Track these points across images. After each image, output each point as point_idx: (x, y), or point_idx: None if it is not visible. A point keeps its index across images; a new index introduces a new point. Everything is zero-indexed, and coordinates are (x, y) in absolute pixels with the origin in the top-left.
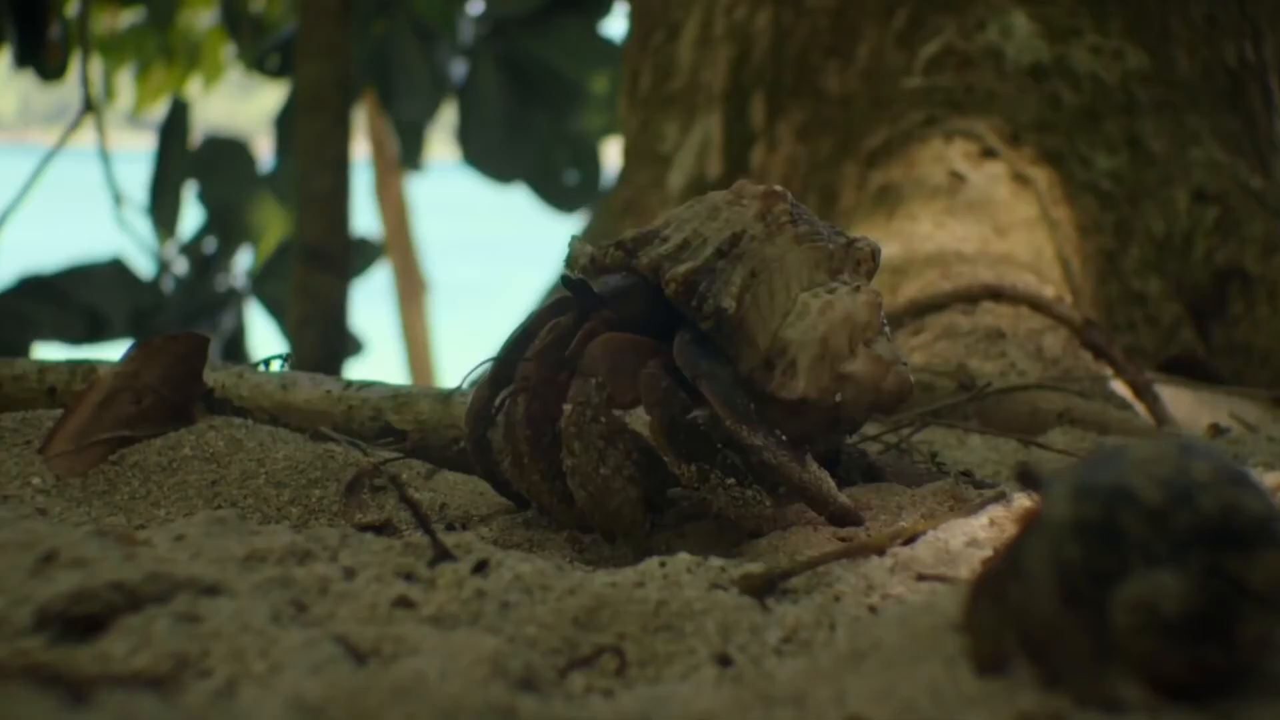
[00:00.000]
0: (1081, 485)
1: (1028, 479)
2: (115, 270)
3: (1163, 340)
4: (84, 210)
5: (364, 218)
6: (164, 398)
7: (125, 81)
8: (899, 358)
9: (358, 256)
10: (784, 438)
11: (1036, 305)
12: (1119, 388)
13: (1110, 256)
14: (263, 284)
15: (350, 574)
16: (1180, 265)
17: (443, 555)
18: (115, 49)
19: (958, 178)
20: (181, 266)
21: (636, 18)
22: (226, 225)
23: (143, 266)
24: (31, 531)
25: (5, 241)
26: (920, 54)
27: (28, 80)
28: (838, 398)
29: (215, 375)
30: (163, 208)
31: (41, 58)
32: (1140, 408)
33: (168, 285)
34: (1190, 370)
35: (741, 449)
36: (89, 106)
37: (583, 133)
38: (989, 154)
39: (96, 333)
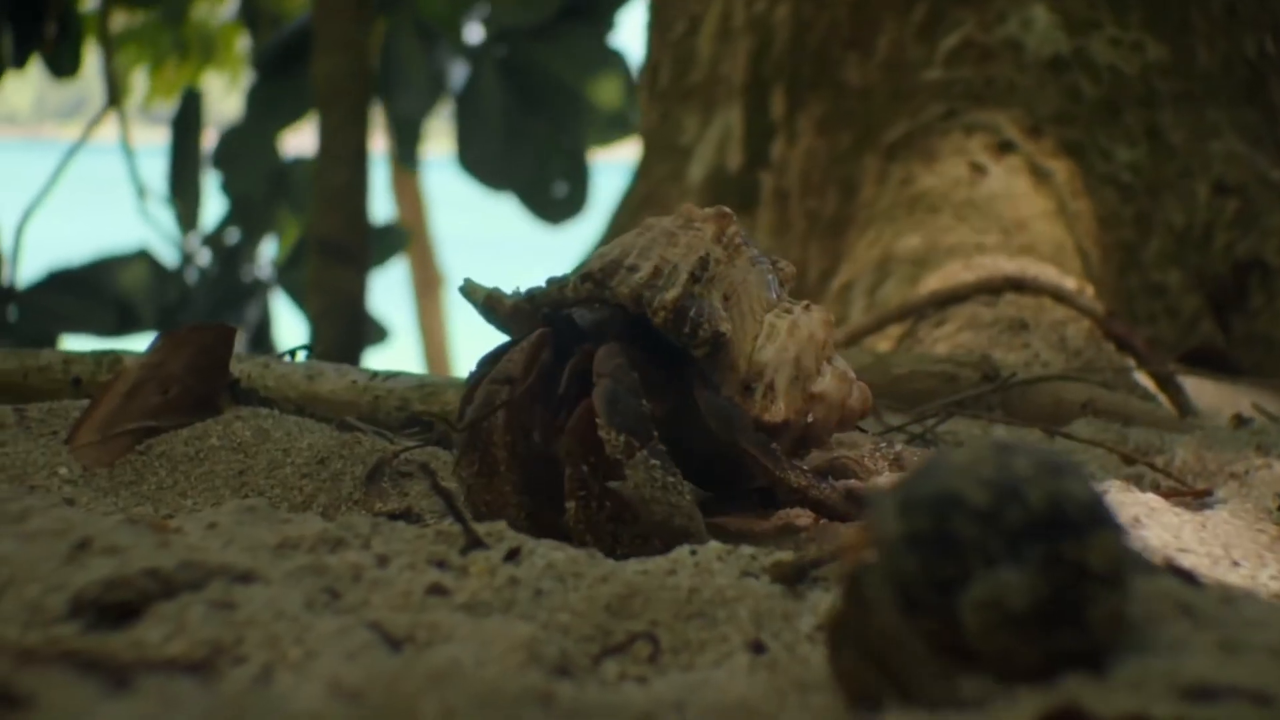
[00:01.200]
0: (906, 499)
1: (854, 501)
2: (143, 262)
3: (1183, 332)
4: (103, 204)
5: (381, 212)
6: (190, 388)
7: (138, 76)
8: (855, 375)
9: (384, 243)
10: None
11: (1059, 296)
12: (1142, 379)
13: (1130, 249)
14: (287, 274)
15: (383, 561)
16: (1200, 257)
17: (475, 543)
18: (129, 44)
19: (978, 170)
20: (205, 257)
21: (656, 10)
22: (249, 216)
23: (168, 259)
24: (64, 519)
25: (28, 237)
26: (940, 46)
27: (43, 76)
28: (809, 418)
29: (241, 366)
30: (183, 199)
31: (44, 54)
32: (1163, 399)
33: (192, 276)
34: (1211, 362)
35: (792, 491)
36: (113, 101)
37: (577, 146)
38: (1009, 146)
39: (126, 325)
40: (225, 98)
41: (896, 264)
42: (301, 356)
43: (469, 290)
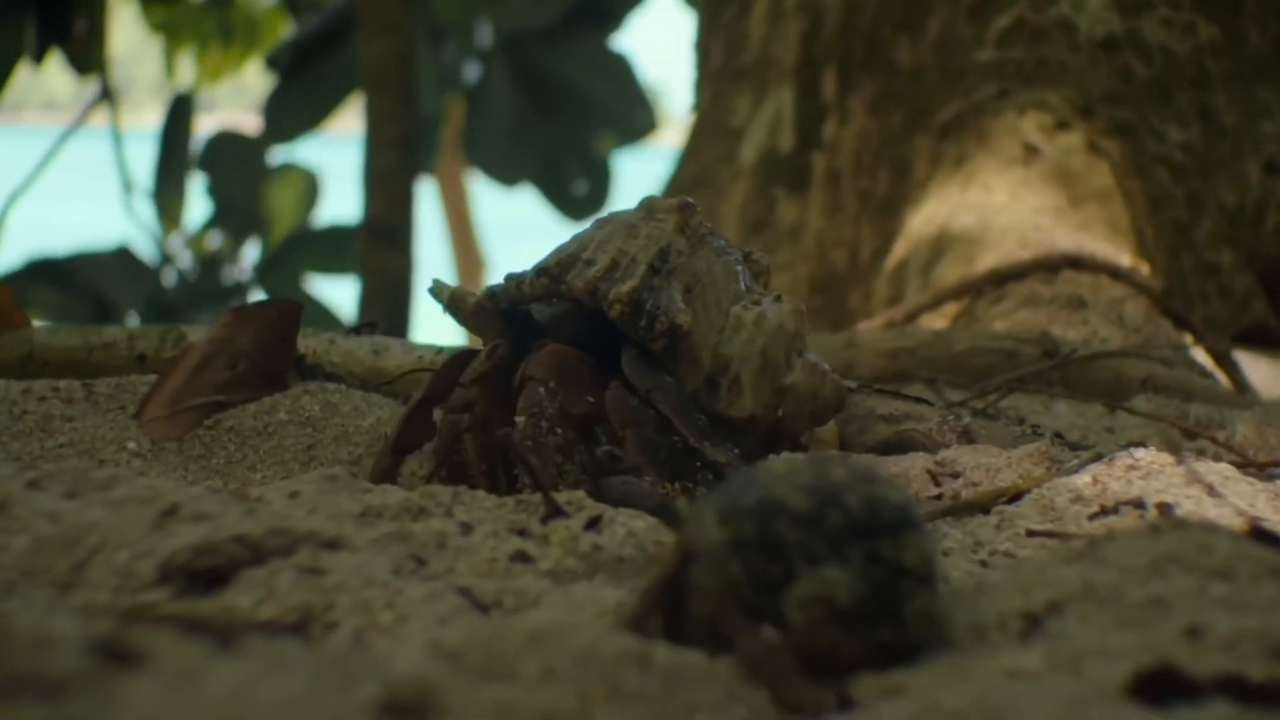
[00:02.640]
0: (727, 508)
1: (669, 516)
2: (121, 258)
3: (1235, 311)
4: (104, 192)
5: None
6: (258, 363)
7: (184, 62)
8: (828, 367)
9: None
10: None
11: (1116, 274)
12: (1199, 356)
13: (1182, 228)
14: (268, 276)
15: (467, 529)
16: (1252, 237)
17: (555, 512)
18: (175, 29)
19: (1031, 150)
20: (186, 259)
21: None
22: (235, 219)
23: (149, 255)
24: (150, 487)
25: (29, 222)
26: (992, 27)
27: (56, 71)
28: (779, 412)
29: (306, 342)
30: (167, 201)
31: (68, 50)
32: (1220, 375)
33: (170, 276)
34: (1263, 341)
35: (707, 466)
36: (105, 94)
37: (595, 145)
38: (1062, 126)
39: (102, 318)
40: (266, 80)
41: (951, 243)
42: (368, 333)
43: (436, 290)
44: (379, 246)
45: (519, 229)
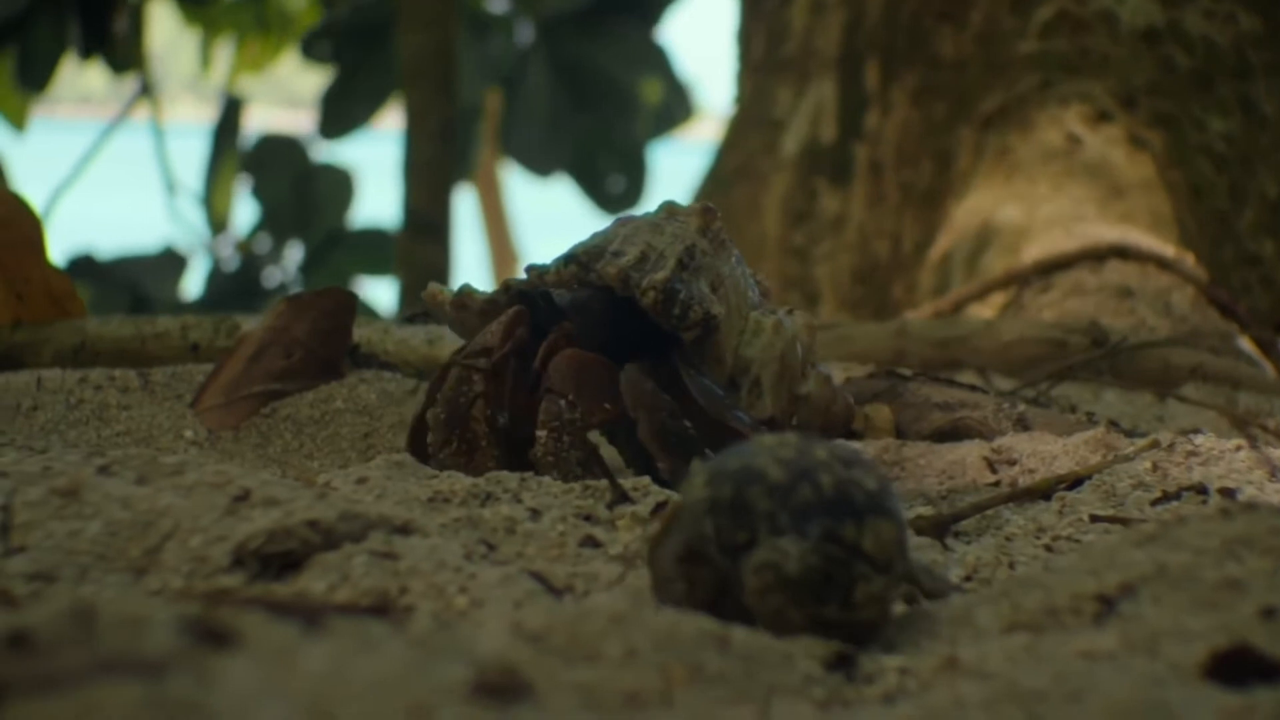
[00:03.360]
0: (714, 470)
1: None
2: (166, 258)
3: (1277, 302)
4: (156, 186)
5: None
6: (313, 352)
7: (220, 54)
8: (838, 383)
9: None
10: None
11: (1163, 263)
12: (1246, 345)
13: (1224, 219)
14: (311, 275)
15: (535, 515)
16: None
17: (621, 497)
18: (212, 22)
19: (1074, 140)
20: (233, 262)
21: None
22: (280, 221)
23: (193, 254)
24: (221, 472)
25: (70, 216)
26: (1034, 18)
27: (94, 69)
28: (794, 420)
29: (360, 331)
30: (216, 203)
31: (109, 50)
32: (1267, 364)
33: (218, 279)
34: None
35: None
36: (146, 89)
37: (632, 139)
38: (1104, 117)
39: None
40: (300, 74)
41: (996, 234)
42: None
43: (431, 295)
44: (418, 240)
45: (553, 223)
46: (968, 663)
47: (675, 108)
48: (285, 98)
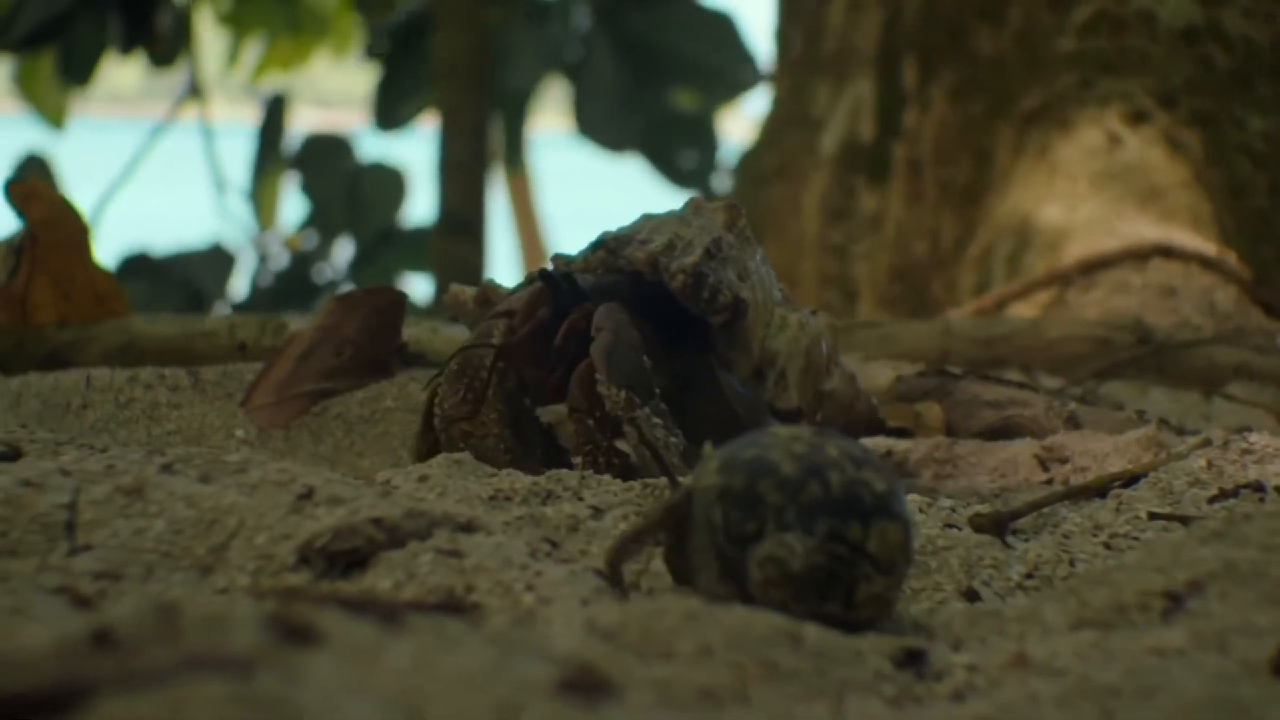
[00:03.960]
0: (728, 458)
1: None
2: (214, 254)
3: None
4: (192, 185)
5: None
6: (363, 350)
7: (248, 52)
8: (862, 384)
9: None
10: None
11: (1206, 262)
12: None
13: (1264, 217)
14: (360, 272)
15: (597, 513)
16: None
17: None
18: (242, 21)
19: (1114, 139)
20: (282, 257)
21: None
22: (328, 218)
23: (241, 252)
24: (285, 470)
25: (114, 216)
26: (1073, 17)
27: (138, 63)
28: (818, 416)
29: (409, 330)
30: (262, 200)
31: (151, 45)
32: None
33: (266, 276)
34: None
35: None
36: (194, 90)
37: (699, 110)
38: (1144, 116)
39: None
40: (330, 73)
41: (1036, 232)
42: None
43: (453, 296)
44: (452, 238)
45: (583, 221)
46: (1037, 660)
47: (743, 74)
48: (316, 97)
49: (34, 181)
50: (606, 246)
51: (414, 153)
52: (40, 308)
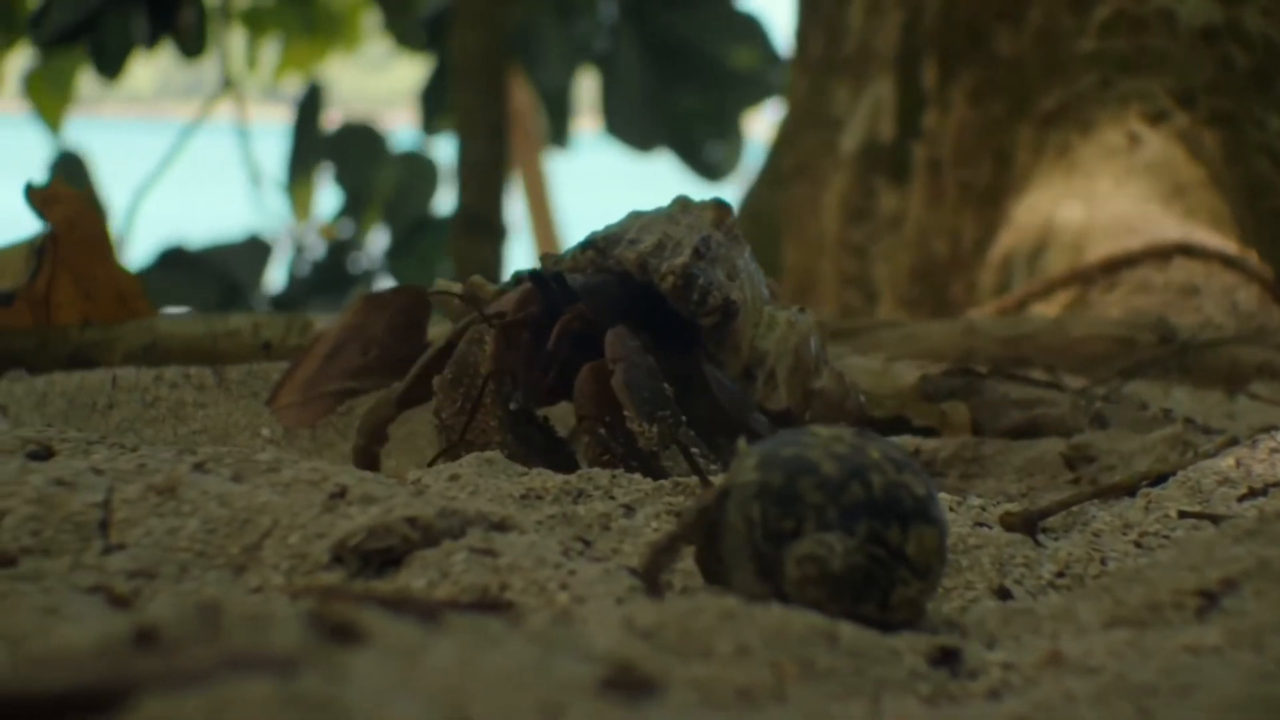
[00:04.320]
0: (767, 456)
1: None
2: (251, 246)
3: None
4: (221, 183)
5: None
6: (390, 350)
7: (266, 53)
8: (850, 383)
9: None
10: None
11: (1228, 261)
12: None
13: None
14: (396, 262)
15: (629, 511)
16: None
17: None
18: (259, 21)
19: (1134, 139)
20: (319, 247)
21: None
22: (362, 207)
23: (277, 244)
24: (317, 469)
25: (146, 214)
26: (1092, 17)
27: (166, 56)
28: (807, 415)
29: (434, 329)
30: (299, 189)
31: (176, 36)
32: None
33: (303, 266)
34: None
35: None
36: (228, 83)
37: (725, 106)
38: (1164, 115)
39: (231, 305)
40: (339, 76)
41: (1058, 232)
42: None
43: (441, 290)
44: (470, 236)
45: (601, 219)
46: (1072, 658)
47: (770, 75)
48: (335, 95)
49: (55, 183)
50: (596, 246)
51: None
52: (63, 308)
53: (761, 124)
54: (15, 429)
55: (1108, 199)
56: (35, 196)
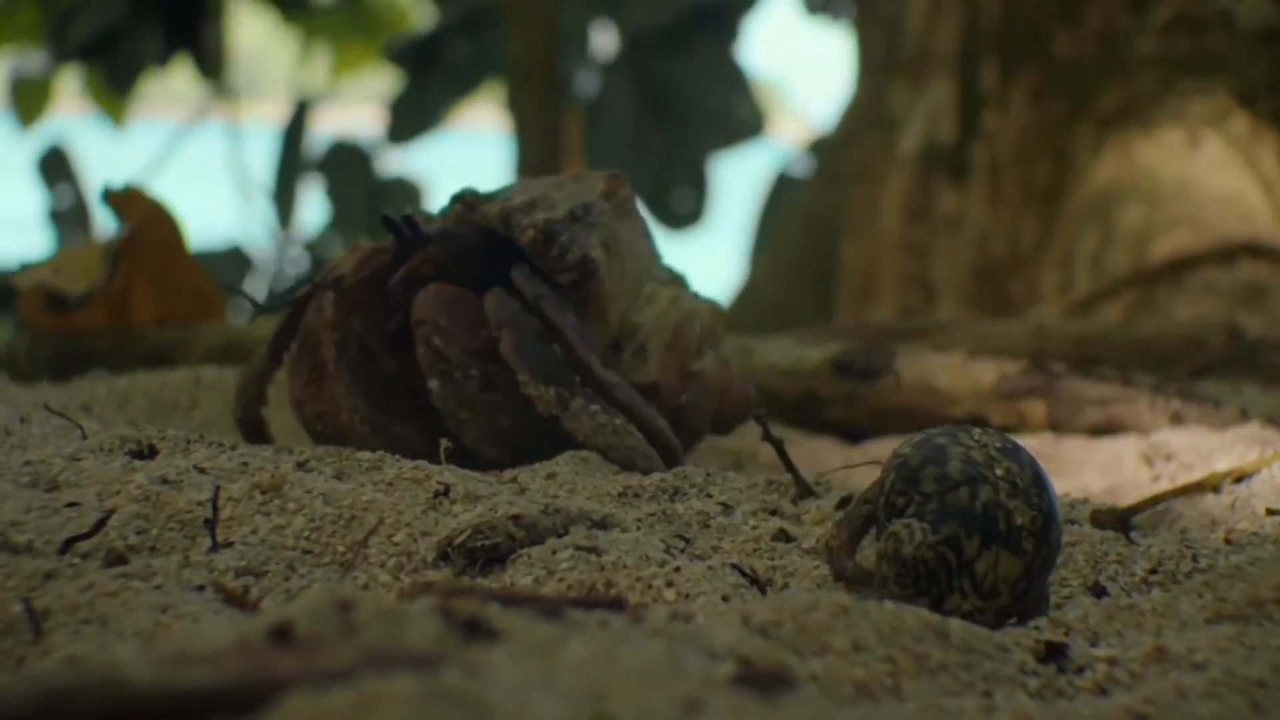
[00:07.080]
0: (924, 438)
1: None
2: (232, 256)
3: None
4: (221, 183)
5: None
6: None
7: (319, 55)
8: (737, 373)
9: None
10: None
11: None
12: None
13: None
14: None
15: (727, 509)
16: None
17: (805, 492)
18: (310, 24)
19: (1195, 139)
20: (303, 262)
21: None
22: (349, 223)
23: (262, 254)
24: (420, 467)
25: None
26: (1151, 18)
27: (181, 73)
28: (684, 398)
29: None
30: (284, 201)
31: (195, 54)
32: None
33: (283, 277)
34: None
35: (593, 383)
36: (220, 92)
37: (698, 156)
38: (1224, 115)
39: None
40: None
41: (1120, 232)
42: None
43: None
44: None
45: None
46: (1177, 653)
47: (747, 122)
48: (375, 96)
49: (131, 187)
50: (465, 201)
51: (450, 155)
52: (139, 307)
53: (797, 128)
54: (111, 428)
55: (1170, 199)
56: (113, 200)
